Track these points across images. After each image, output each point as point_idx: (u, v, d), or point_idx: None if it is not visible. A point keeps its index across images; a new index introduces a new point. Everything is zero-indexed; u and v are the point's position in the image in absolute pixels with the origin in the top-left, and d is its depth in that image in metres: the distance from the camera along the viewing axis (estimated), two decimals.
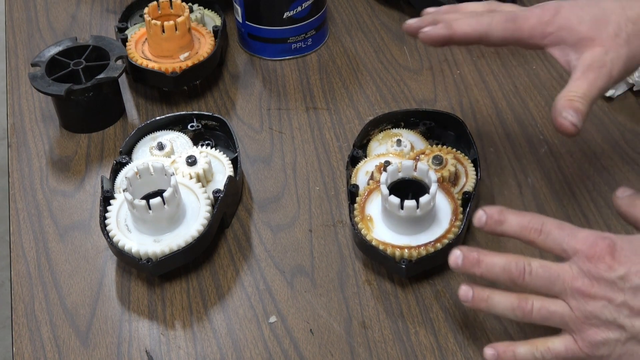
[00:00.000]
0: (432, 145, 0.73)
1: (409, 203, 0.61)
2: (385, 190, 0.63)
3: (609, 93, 0.80)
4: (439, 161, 0.69)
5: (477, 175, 0.69)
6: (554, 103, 0.59)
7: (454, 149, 0.71)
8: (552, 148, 0.76)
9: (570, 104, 0.58)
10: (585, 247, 0.52)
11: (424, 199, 0.61)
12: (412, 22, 0.67)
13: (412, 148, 0.73)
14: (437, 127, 0.76)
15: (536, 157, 0.75)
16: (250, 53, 0.91)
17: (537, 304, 0.53)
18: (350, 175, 0.71)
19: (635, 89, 0.81)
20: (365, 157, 0.72)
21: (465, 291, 0.56)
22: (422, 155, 0.70)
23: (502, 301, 0.55)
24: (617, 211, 0.59)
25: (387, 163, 0.69)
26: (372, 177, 0.69)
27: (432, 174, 0.63)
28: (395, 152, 0.72)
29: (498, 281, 0.55)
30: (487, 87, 0.84)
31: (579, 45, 0.60)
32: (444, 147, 0.72)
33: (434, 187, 0.62)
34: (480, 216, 0.56)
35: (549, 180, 0.73)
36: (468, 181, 0.68)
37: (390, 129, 0.76)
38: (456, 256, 0.56)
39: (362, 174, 0.70)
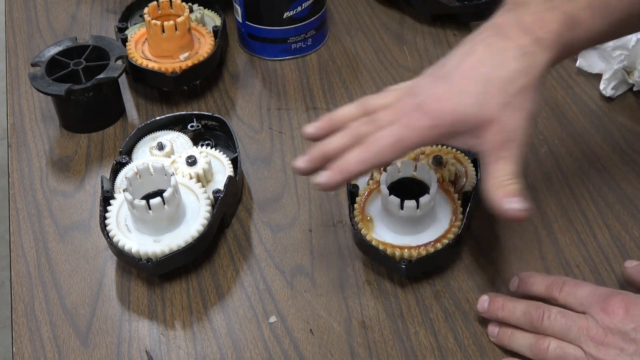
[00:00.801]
0: (432, 146, 0.73)
1: (409, 203, 0.61)
2: (385, 190, 0.63)
3: (609, 93, 0.80)
4: (438, 161, 0.69)
5: (477, 175, 0.69)
6: (490, 196, 0.55)
7: (454, 149, 0.71)
8: (552, 148, 0.76)
9: (506, 192, 0.55)
10: (601, 300, 0.55)
11: (424, 199, 0.61)
12: (301, 165, 0.60)
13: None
14: None
15: (536, 157, 0.75)
16: (250, 53, 0.91)
17: (554, 344, 0.56)
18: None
19: (635, 89, 0.81)
20: None
21: (492, 328, 0.60)
22: (422, 155, 0.70)
23: (521, 338, 0.58)
24: (627, 280, 0.62)
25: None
26: (372, 177, 0.69)
27: (432, 173, 0.63)
28: None
29: (519, 324, 0.58)
30: None
31: (475, 131, 0.56)
32: (444, 147, 0.72)
33: (434, 187, 0.62)
34: (514, 280, 0.62)
35: (549, 180, 0.73)
36: (468, 181, 0.68)
37: None
38: (483, 300, 0.61)
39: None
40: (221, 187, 0.68)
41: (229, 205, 0.70)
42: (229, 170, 0.71)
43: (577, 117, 0.79)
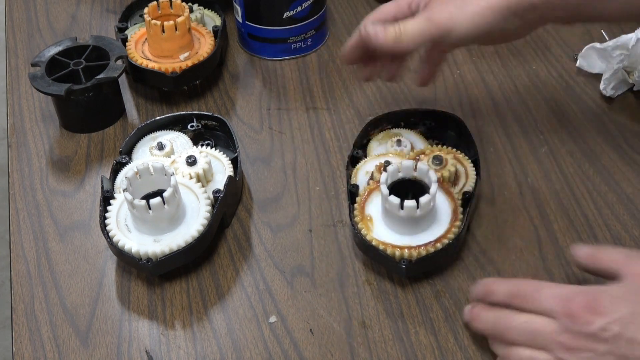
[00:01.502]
0: (432, 145, 0.73)
1: (409, 203, 0.61)
2: (386, 190, 0.63)
3: (609, 93, 0.80)
4: (439, 161, 0.69)
5: (477, 175, 0.69)
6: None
7: (454, 149, 0.71)
8: (552, 148, 0.76)
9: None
10: (563, 304, 0.54)
11: (424, 199, 0.61)
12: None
13: (412, 148, 0.73)
14: (437, 127, 0.76)
15: (536, 157, 0.75)
16: (250, 53, 0.91)
17: (526, 353, 0.55)
18: (350, 176, 0.71)
19: (635, 89, 0.81)
20: (365, 157, 0.72)
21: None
22: (422, 156, 0.70)
23: (496, 349, 0.58)
24: (580, 267, 0.60)
25: (387, 163, 0.69)
26: (372, 177, 0.69)
27: (432, 173, 0.63)
28: (395, 152, 0.72)
29: (493, 336, 0.58)
30: (487, 87, 0.84)
31: None
32: (444, 147, 0.72)
33: (434, 187, 0.62)
34: (474, 288, 0.61)
35: (549, 180, 0.73)
36: (468, 181, 0.68)
37: (390, 129, 0.75)
38: (466, 310, 0.60)
39: (362, 174, 0.70)
40: (221, 187, 0.68)
41: (229, 205, 0.70)
42: (229, 170, 0.71)
43: (577, 117, 0.79)
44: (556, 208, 0.70)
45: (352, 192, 0.68)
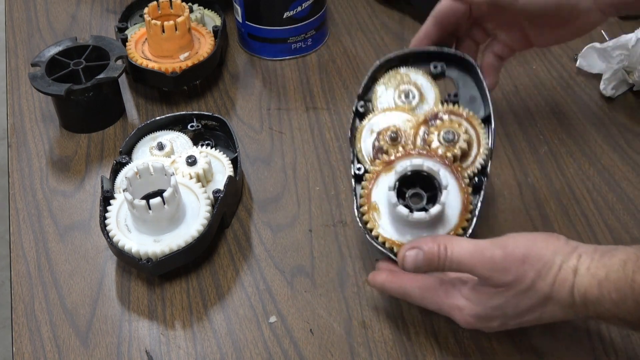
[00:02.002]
0: (443, 104, 0.66)
1: (419, 215, 0.58)
2: (394, 199, 0.59)
3: (609, 93, 0.80)
4: (451, 137, 0.63)
5: (490, 143, 0.63)
6: None
7: (467, 110, 0.65)
8: (552, 148, 0.76)
9: None
10: (461, 322, 0.57)
11: (434, 210, 0.58)
12: None
13: (422, 98, 0.66)
14: (448, 68, 0.69)
15: (536, 157, 0.75)
16: (250, 53, 0.91)
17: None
18: (355, 137, 0.65)
19: (635, 89, 0.81)
20: (371, 106, 0.67)
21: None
22: (433, 128, 0.64)
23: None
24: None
25: (394, 134, 0.63)
26: (378, 148, 0.64)
27: (444, 177, 0.59)
28: (403, 106, 0.66)
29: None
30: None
31: None
32: (456, 106, 0.65)
33: (444, 195, 0.58)
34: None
35: (549, 180, 0.73)
36: (480, 149, 0.63)
37: (397, 66, 0.69)
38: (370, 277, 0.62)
39: (366, 132, 0.65)
40: (221, 187, 0.68)
41: (229, 205, 0.70)
42: (229, 170, 0.71)
43: (577, 117, 0.80)
44: (556, 208, 0.70)
45: (358, 176, 0.63)
